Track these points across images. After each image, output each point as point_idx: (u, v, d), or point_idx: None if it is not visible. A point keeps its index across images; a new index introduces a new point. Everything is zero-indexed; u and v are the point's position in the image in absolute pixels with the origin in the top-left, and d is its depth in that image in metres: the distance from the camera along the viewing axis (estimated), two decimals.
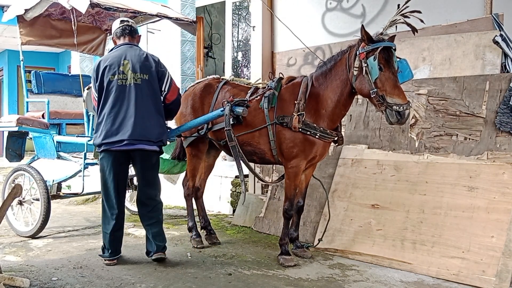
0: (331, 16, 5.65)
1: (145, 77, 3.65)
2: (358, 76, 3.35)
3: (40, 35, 5.36)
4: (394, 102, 3.18)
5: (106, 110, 3.61)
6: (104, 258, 3.76)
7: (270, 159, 3.87)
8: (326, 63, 3.68)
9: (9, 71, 13.47)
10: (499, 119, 3.77)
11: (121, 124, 3.58)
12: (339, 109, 3.60)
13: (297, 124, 3.57)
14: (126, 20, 3.93)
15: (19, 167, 4.86)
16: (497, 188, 3.56)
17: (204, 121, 3.97)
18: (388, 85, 3.21)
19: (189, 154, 4.35)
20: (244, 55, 7.23)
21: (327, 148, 3.80)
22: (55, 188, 4.86)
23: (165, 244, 3.80)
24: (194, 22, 5.32)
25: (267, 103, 3.71)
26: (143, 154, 3.70)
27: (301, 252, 3.97)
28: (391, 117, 3.20)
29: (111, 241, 3.73)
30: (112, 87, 3.60)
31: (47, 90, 5.37)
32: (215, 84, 4.25)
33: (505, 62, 4.11)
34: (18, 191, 3.40)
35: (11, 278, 3.12)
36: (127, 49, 3.74)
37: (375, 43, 3.27)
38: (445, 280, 3.41)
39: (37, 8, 4.76)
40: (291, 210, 3.79)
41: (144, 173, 3.77)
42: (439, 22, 4.63)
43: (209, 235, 4.44)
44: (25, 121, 4.75)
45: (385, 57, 3.24)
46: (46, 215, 4.51)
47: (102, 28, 5.96)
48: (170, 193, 5.99)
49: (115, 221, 3.70)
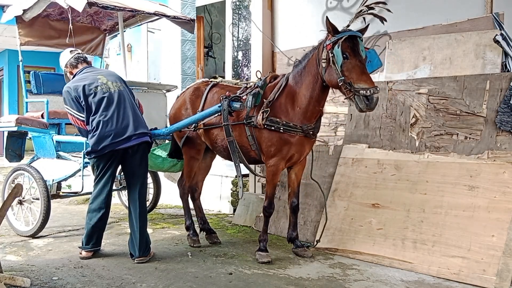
0: (331, 16, 5.62)
1: (122, 86, 3.94)
2: (327, 68, 3.42)
3: (39, 36, 5.39)
4: (361, 87, 3.23)
5: (100, 117, 3.74)
6: (85, 250, 3.92)
7: (255, 157, 3.95)
8: (301, 61, 3.75)
9: (9, 71, 13.46)
10: (499, 118, 3.76)
11: (122, 123, 3.75)
12: (313, 105, 3.64)
13: (261, 121, 3.65)
14: (74, 49, 4.20)
15: (19, 167, 4.86)
16: (497, 187, 3.56)
17: (201, 117, 4.02)
18: (354, 72, 3.28)
19: (186, 155, 4.41)
20: (244, 54, 7.22)
21: (306, 147, 3.83)
22: (55, 187, 4.90)
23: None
24: (192, 21, 5.33)
25: (251, 101, 3.76)
26: (145, 146, 3.92)
27: (301, 252, 3.97)
28: (360, 103, 3.25)
29: (93, 233, 3.90)
30: (98, 97, 3.78)
31: (46, 90, 5.38)
32: (203, 87, 4.35)
33: (505, 61, 4.11)
34: (19, 190, 3.40)
35: (12, 277, 3.12)
36: (94, 69, 4.08)
37: (340, 33, 3.35)
38: (445, 279, 3.41)
39: (35, 9, 4.77)
40: (270, 209, 3.86)
41: (145, 165, 3.96)
42: (440, 21, 4.63)
43: (209, 235, 4.45)
44: (24, 121, 4.76)
45: (350, 45, 3.31)
46: (46, 215, 4.52)
47: (101, 28, 5.97)
48: (171, 193, 5.98)
49: (101, 216, 3.87)
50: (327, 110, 4.78)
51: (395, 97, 4.37)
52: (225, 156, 4.22)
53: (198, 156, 4.39)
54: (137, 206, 3.83)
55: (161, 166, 4.66)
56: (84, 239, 3.93)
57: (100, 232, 3.96)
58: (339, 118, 4.72)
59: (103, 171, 3.83)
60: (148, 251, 3.86)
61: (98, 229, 3.92)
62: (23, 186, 4.16)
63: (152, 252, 3.93)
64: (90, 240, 3.91)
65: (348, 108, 4.64)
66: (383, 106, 4.42)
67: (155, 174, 5.66)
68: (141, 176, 3.92)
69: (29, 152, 5.77)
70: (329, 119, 4.75)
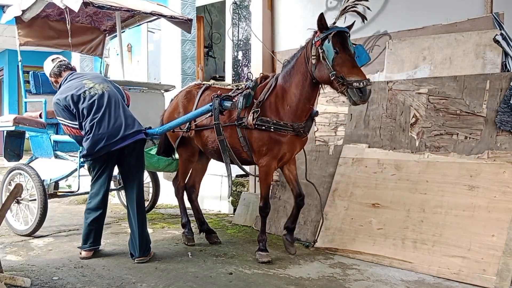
0: (331, 15, 5.61)
1: (109, 87, 3.92)
2: (317, 65, 3.45)
3: (38, 36, 5.41)
4: (353, 80, 3.24)
5: (92, 120, 3.74)
6: (84, 250, 3.93)
7: (247, 158, 3.96)
8: (289, 61, 3.77)
9: (10, 71, 13.46)
10: (499, 118, 3.76)
11: (115, 124, 3.75)
12: (303, 103, 3.65)
13: (252, 121, 3.67)
14: (56, 57, 4.16)
15: (16, 167, 4.88)
16: (497, 187, 3.56)
17: (193, 116, 4.04)
18: (346, 66, 3.30)
19: (181, 156, 4.46)
20: (244, 54, 7.22)
21: (297, 145, 3.85)
22: (52, 187, 4.91)
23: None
24: (189, 20, 5.34)
25: (241, 102, 3.78)
26: (141, 145, 3.93)
27: (288, 244, 4.03)
28: (353, 95, 3.26)
29: (91, 232, 3.91)
30: (88, 101, 3.76)
31: (45, 91, 5.39)
32: (196, 90, 4.39)
33: (505, 61, 4.11)
34: (19, 190, 3.41)
35: (12, 277, 3.12)
36: (78, 74, 4.03)
37: (329, 29, 3.40)
38: (446, 279, 3.41)
39: (34, 9, 4.79)
40: (266, 208, 3.87)
41: (141, 164, 3.97)
42: (440, 21, 4.63)
43: (209, 235, 4.47)
44: (22, 121, 4.78)
45: (339, 40, 3.35)
46: (43, 214, 4.54)
47: (101, 28, 5.98)
48: (171, 193, 5.98)
49: (99, 216, 3.89)
50: (327, 110, 4.79)
51: (395, 97, 4.37)
52: (216, 158, 4.24)
53: (193, 158, 4.44)
54: (134, 206, 3.84)
55: (156, 165, 4.69)
56: (83, 239, 3.94)
57: (98, 231, 3.96)
58: (339, 118, 4.72)
59: (99, 172, 3.85)
60: (148, 251, 3.86)
61: (96, 228, 3.92)
62: (23, 186, 4.16)
63: (153, 252, 3.94)
64: (88, 240, 3.92)
65: (348, 108, 4.64)
66: (383, 106, 4.42)
67: (154, 174, 5.67)
68: (137, 175, 3.92)
69: (29, 152, 5.77)
70: (329, 119, 4.76)
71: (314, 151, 4.72)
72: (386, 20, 5.06)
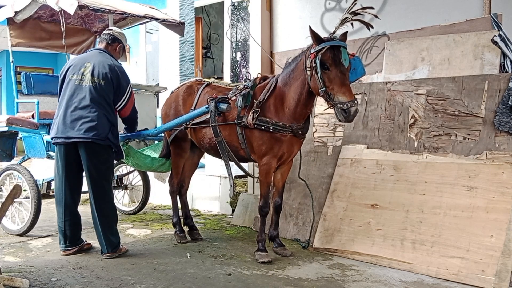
0: (330, 16, 5.66)
1: (102, 82, 3.83)
2: (312, 76, 3.45)
3: (30, 37, 5.44)
4: (339, 101, 3.27)
5: (60, 105, 3.84)
6: (61, 250, 4.00)
7: (244, 156, 3.99)
8: (290, 63, 3.78)
9: (7, 71, 13.43)
10: (498, 119, 3.77)
11: (70, 118, 3.77)
12: (301, 107, 3.69)
13: (252, 121, 3.70)
14: (111, 29, 4.21)
15: (9, 167, 4.89)
16: (496, 187, 3.57)
17: (189, 118, 4.10)
18: (335, 84, 3.30)
19: (173, 152, 4.53)
20: (243, 55, 7.22)
21: (295, 146, 3.88)
22: (45, 187, 4.95)
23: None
24: (181, 24, 5.40)
25: (241, 101, 3.82)
26: (91, 147, 3.80)
27: (281, 250, 4.03)
28: (338, 115, 3.31)
29: (61, 232, 3.98)
30: (68, 85, 3.85)
31: (37, 91, 5.44)
32: (196, 86, 4.42)
33: (504, 62, 4.12)
34: (18, 191, 3.40)
35: (11, 278, 3.11)
36: (96, 54, 3.99)
37: (324, 42, 3.36)
38: (444, 279, 3.41)
39: (27, 11, 4.80)
40: (266, 207, 3.89)
41: (95, 165, 3.85)
42: (438, 22, 4.65)
43: (192, 231, 4.59)
44: (15, 121, 4.80)
45: (332, 55, 3.31)
46: (36, 214, 4.55)
47: (92, 30, 6.00)
48: (166, 193, 5.98)
49: (64, 215, 3.93)
50: (326, 111, 4.79)
51: (393, 98, 4.37)
52: (213, 154, 4.33)
53: (184, 153, 4.50)
54: (93, 205, 3.88)
55: (150, 166, 4.72)
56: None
57: (68, 232, 3.96)
58: None
59: (58, 161, 3.91)
60: (117, 248, 3.94)
61: (65, 229, 3.94)
62: (22, 188, 4.15)
63: (124, 248, 4.03)
64: (61, 240, 3.99)
65: None
66: (382, 106, 4.43)
67: (145, 174, 5.71)
68: (93, 175, 3.86)
69: (23, 153, 5.77)
70: (327, 119, 4.76)
71: (313, 152, 4.72)
72: (384, 21, 5.07)
